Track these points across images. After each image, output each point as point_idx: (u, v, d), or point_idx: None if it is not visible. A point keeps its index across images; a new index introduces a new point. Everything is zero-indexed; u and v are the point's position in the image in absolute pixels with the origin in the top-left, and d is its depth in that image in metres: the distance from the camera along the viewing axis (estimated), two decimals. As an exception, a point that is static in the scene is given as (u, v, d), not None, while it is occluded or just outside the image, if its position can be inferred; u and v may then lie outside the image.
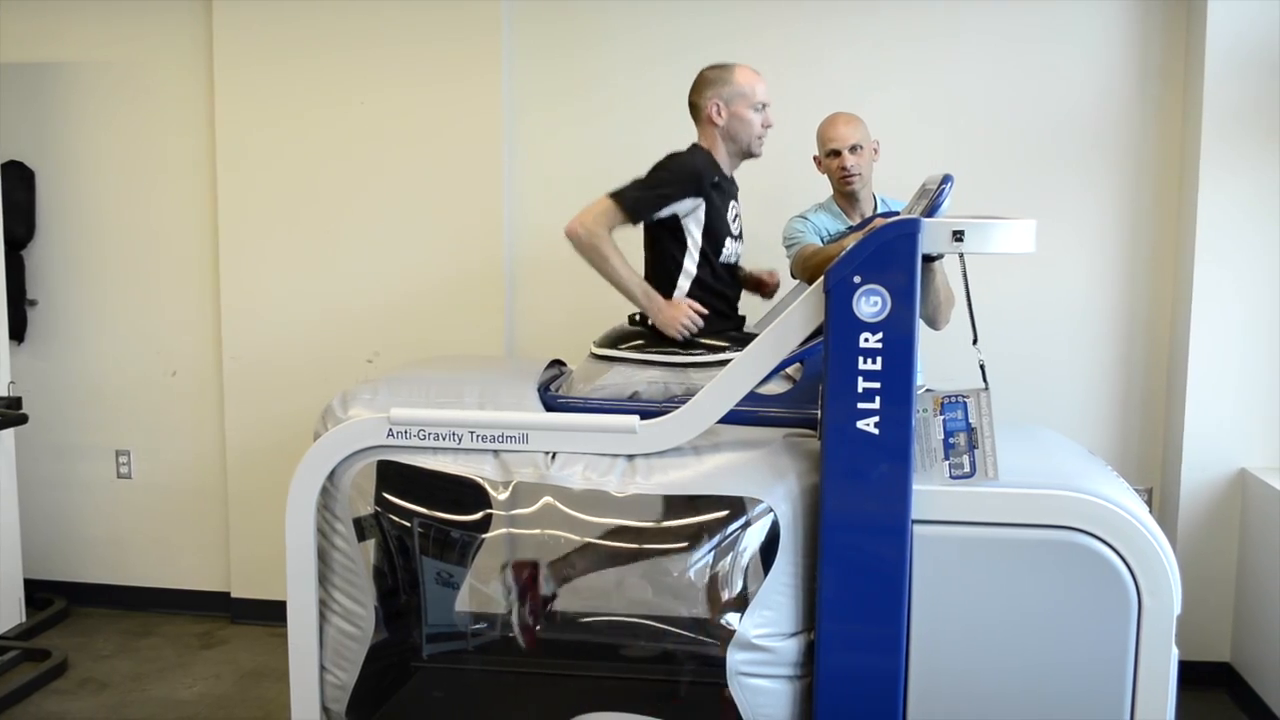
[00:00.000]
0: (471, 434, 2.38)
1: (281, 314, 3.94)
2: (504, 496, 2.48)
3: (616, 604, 2.71)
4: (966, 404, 2.24)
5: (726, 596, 2.43)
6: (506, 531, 2.62)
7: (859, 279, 2.15)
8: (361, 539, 2.52)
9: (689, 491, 2.36)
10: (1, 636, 3.78)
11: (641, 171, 2.66)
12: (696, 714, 2.62)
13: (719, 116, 2.68)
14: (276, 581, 2.52)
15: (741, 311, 2.85)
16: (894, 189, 3.11)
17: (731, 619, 2.33)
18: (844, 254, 2.20)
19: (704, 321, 2.64)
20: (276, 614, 2.63)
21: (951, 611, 2.22)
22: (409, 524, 2.65)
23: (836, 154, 3.02)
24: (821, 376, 2.22)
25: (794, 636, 2.29)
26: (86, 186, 4.10)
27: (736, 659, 2.26)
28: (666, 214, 2.63)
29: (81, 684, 3.54)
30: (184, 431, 4.11)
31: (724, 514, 2.41)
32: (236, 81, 3.89)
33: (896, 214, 2.56)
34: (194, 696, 3.47)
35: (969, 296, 2.39)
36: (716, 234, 2.69)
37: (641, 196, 2.60)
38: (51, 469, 4.19)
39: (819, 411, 2.27)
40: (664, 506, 2.50)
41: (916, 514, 2.20)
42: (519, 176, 3.81)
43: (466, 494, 2.51)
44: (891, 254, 2.15)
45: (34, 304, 4.15)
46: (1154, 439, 3.59)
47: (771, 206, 3.18)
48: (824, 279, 2.19)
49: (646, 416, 2.36)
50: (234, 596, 4.10)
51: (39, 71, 4.07)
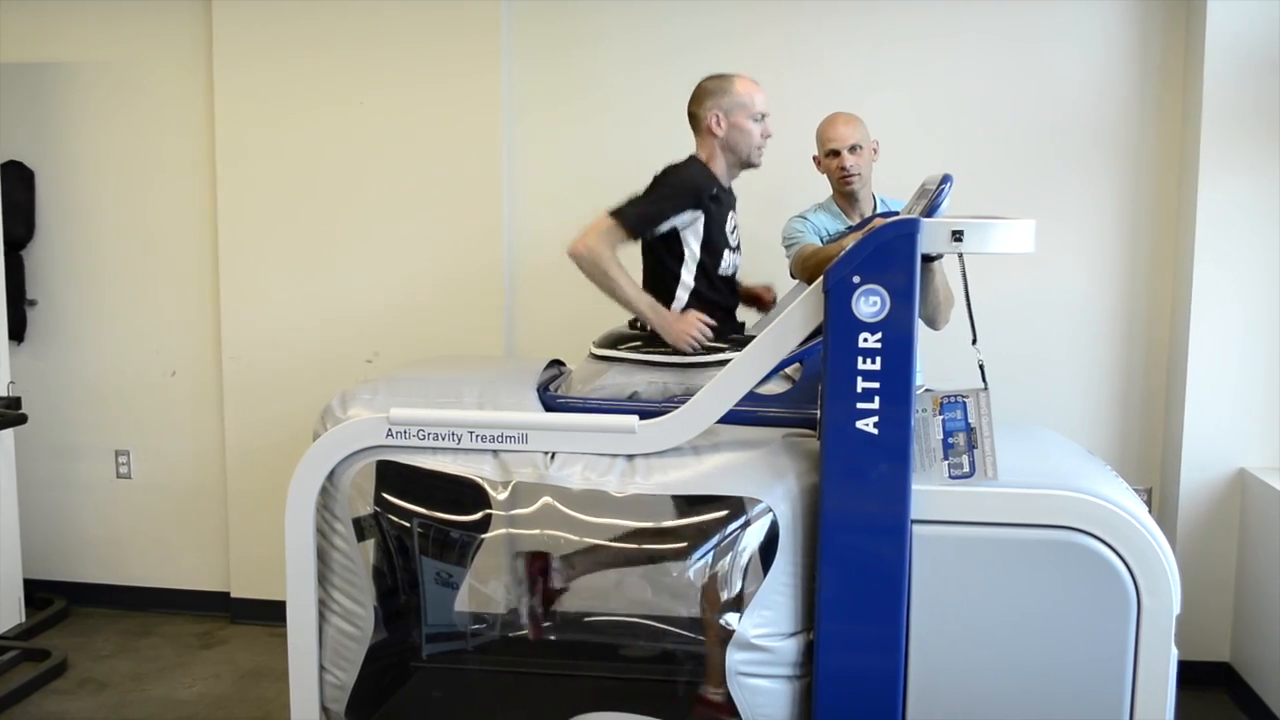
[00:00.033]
0: (471, 434, 2.38)
1: (281, 314, 3.94)
2: (503, 496, 2.48)
3: (616, 604, 2.71)
4: (966, 404, 2.24)
5: (726, 596, 2.43)
6: (506, 531, 2.62)
7: (858, 279, 2.15)
8: (361, 539, 2.53)
9: (688, 491, 2.37)
10: (1, 636, 3.78)
11: (640, 175, 2.66)
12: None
13: (718, 127, 2.67)
14: (276, 581, 2.52)
15: (740, 319, 2.84)
16: (893, 189, 3.11)
17: (731, 619, 2.33)
18: (843, 254, 2.20)
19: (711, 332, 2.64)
20: (276, 614, 2.63)
21: (951, 611, 2.22)
22: (408, 524, 2.65)
23: (836, 154, 3.02)
24: (821, 376, 2.22)
25: (793, 636, 2.29)
26: (86, 186, 4.10)
27: (735, 659, 2.26)
28: (666, 228, 2.62)
29: (81, 684, 3.54)
30: (183, 431, 4.11)
31: (723, 514, 2.41)
32: (236, 81, 3.89)
33: (896, 214, 2.56)
34: (193, 696, 3.47)
35: (968, 296, 2.39)
36: (715, 246, 2.68)
37: (642, 213, 2.59)
38: (51, 469, 4.19)
39: (818, 411, 2.27)
40: (662, 507, 2.50)
41: (916, 514, 2.20)
42: (518, 176, 3.81)
43: (466, 494, 2.51)
44: (891, 254, 2.15)
45: (33, 304, 4.15)
46: (1153, 439, 3.59)
47: (771, 206, 3.18)
48: (823, 279, 2.19)
49: (646, 416, 2.36)
50: (233, 596, 4.10)
51: (39, 71, 4.07)
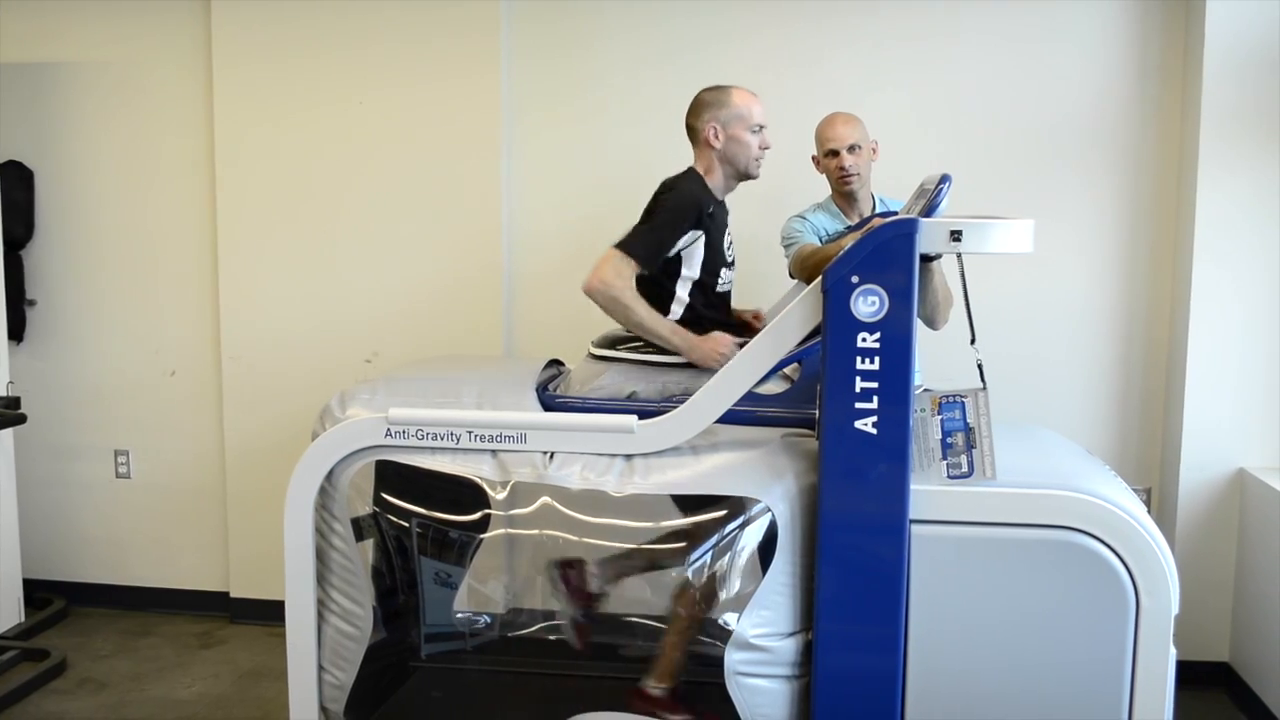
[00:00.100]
0: (469, 434, 2.38)
1: (280, 313, 3.94)
2: (502, 496, 2.48)
3: (615, 604, 2.71)
4: (964, 404, 2.24)
5: (724, 596, 2.43)
6: (505, 531, 2.62)
7: (857, 279, 2.15)
8: (360, 539, 2.53)
9: (687, 491, 2.37)
10: (0, 636, 3.78)
11: (639, 175, 2.66)
12: (696, 713, 2.61)
13: (716, 140, 2.67)
14: (275, 581, 2.52)
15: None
16: (892, 189, 3.11)
17: (729, 619, 2.33)
18: (842, 254, 2.20)
19: (703, 323, 2.62)
20: (275, 614, 2.63)
21: (949, 611, 2.22)
22: (407, 524, 2.65)
23: (835, 154, 3.02)
24: (819, 376, 2.22)
25: (792, 636, 2.29)
26: (85, 186, 4.10)
27: (734, 658, 2.26)
28: (673, 254, 2.61)
29: (80, 684, 3.54)
30: (183, 431, 4.11)
31: (722, 514, 2.41)
32: (235, 81, 3.89)
33: (895, 214, 2.56)
34: (193, 696, 3.46)
35: (967, 296, 2.39)
36: (713, 265, 2.67)
37: (651, 242, 2.57)
38: (50, 469, 4.19)
39: (817, 411, 2.27)
40: (659, 506, 2.50)
41: (914, 514, 2.20)
42: (517, 176, 3.81)
43: (465, 494, 2.51)
44: (889, 254, 2.15)
45: (33, 304, 4.15)
46: (1152, 439, 3.59)
47: (770, 206, 3.19)
48: (822, 279, 2.19)
49: (644, 416, 2.36)
50: (233, 596, 4.09)
51: (38, 71, 4.07)
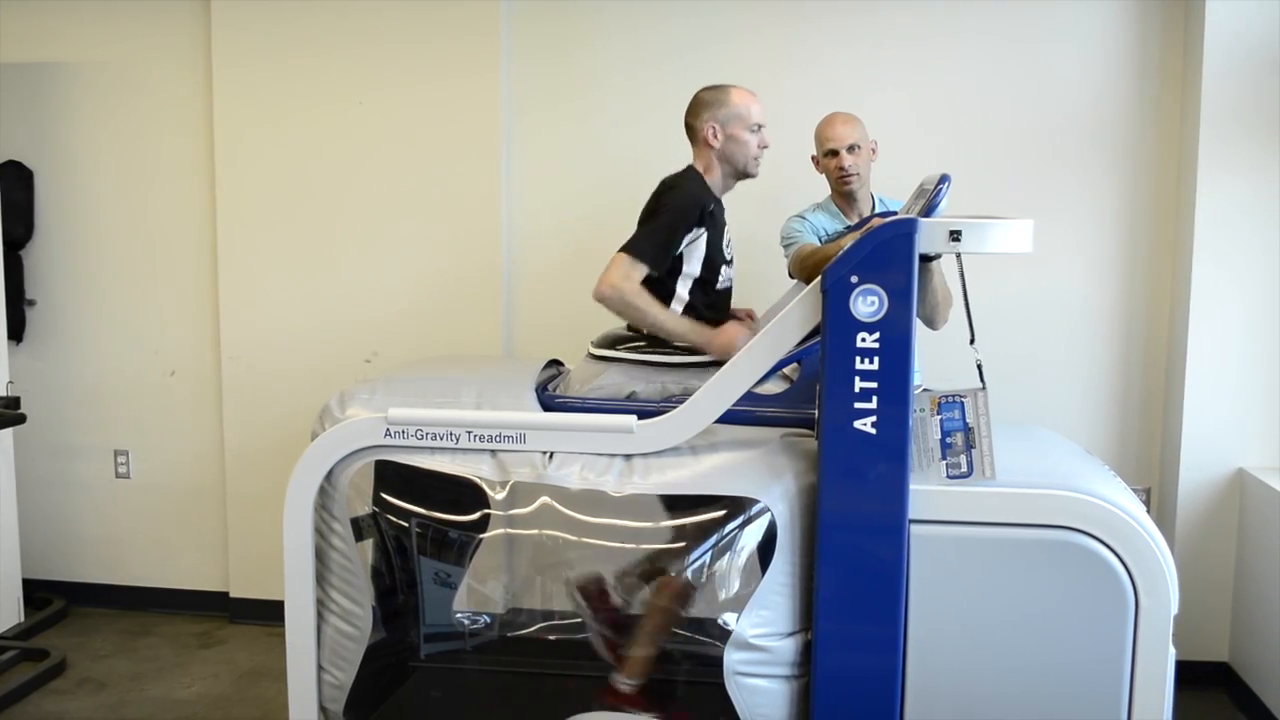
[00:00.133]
0: (469, 434, 2.38)
1: (280, 314, 3.94)
2: (501, 496, 2.49)
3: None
4: (964, 404, 2.24)
5: (723, 596, 2.43)
6: (504, 531, 2.63)
7: (856, 279, 2.15)
8: (359, 539, 2.53)
9: (686, 491, 2.37)
10: (0, 636, 3.78)
11: (639, 175, 2.66)
12: (696, 713, 2.62)
13: (715, 139, 2.67)
14: (275, 581, 2.51)
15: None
16: (892, 189, 3.11)
17: (729, 618, 2.33)
18: (841, 254, 2.20)
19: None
20: (275, 614, 2.63)
21: (949, 611, 2.22)
22: (406, 524, 2.65)
23: (834, 154, 3.02)
24: (819, 376, 2.22)
25: (791, 636, 2.29)
26: (85, 186, 4.10)
27: (733, 658, 2.26)
28: (677, 253, 2.61)
29: (80, 684, 3.54)
30: (182, 431, 4.11)
31: (721, 514, 2.41)
32: (234, 81, 3.89)
33: (894, 214, 2.56)
34: (192, 696, 3.46)
35: (966, 296, 2.39)
36: (713, 263, 2.67)
37: (658, 243, 2.57)
38: (50, 469, 4.19)
39: (816, 411, 2.27)
40: (657, 506, 2.50)
41: (914, 514, 2.20)
42: (517, 176, 3.81)
43: (464, 494, 2.51)
44: (889, 254, 2.15)
45: (32, 304, 4.15)
46: (1152, 439, 3.59)
47: (769, 206, 3.18)
48: (821, 279, 2.19)
49: (644, 416, 2.36)
50: (232, 596, 4.10)
51: (37, 71, 4.07)
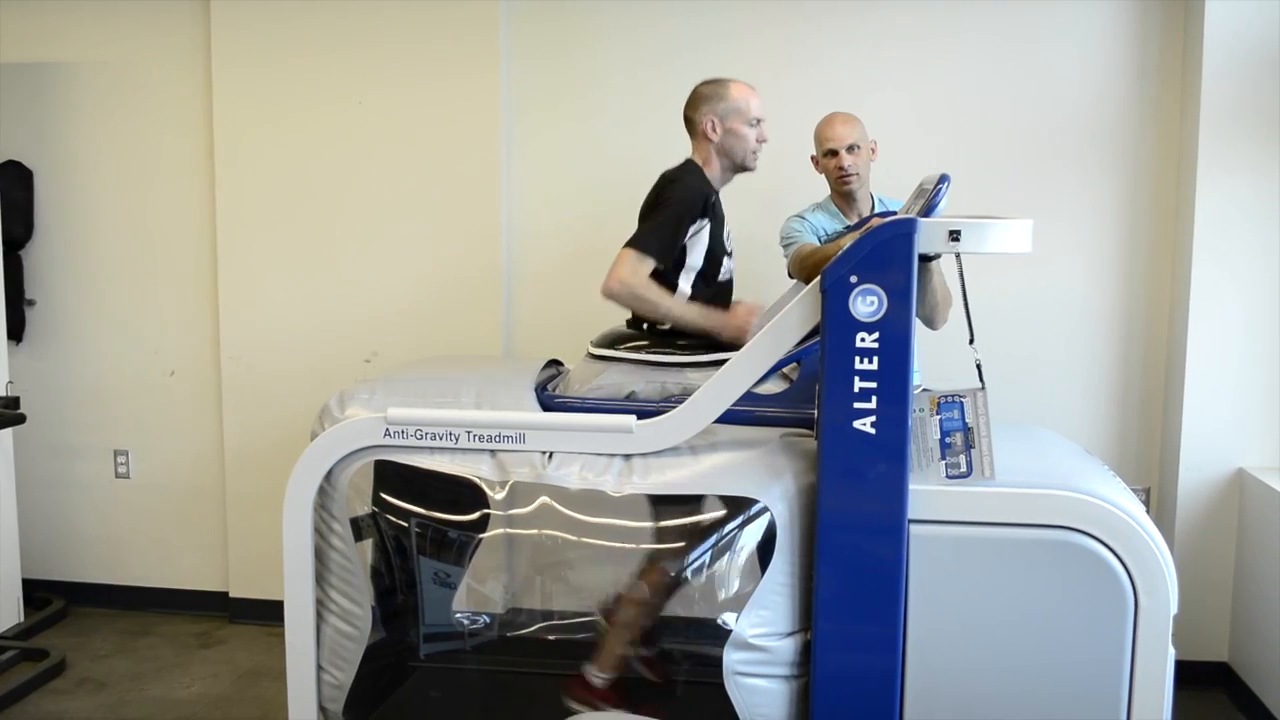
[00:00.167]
0: (468, 434, 2.38)
1: (279, 313, 3.94)
2: (501, 496, 2.49)
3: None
4: (963, 404, 2.24)
5: (723, 596, 2.43)
6: (503, 531, 2.63)
7: (855, 279, 2.15)
8: (358, 539, 2.53)
9: (686, 491, 2.37)
10: (0, 636, 3.78)
11: (638, 175, 2.65)
12: (696, 713, 2.62)
13: (714, 132, 2.67)
14: (274, 581, 2.51)
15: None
16: (891, 189, 3.11)
17: (728, 618, 2.33)
18: (841, 254, 2.20)
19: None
20: (274, 614, 2.63)
21: (948, 611, 2.22)
22: (406, 524, 2.65)
23: (834, 154, 3.02)
24: (818, 376, 2.21)
25: (790, 636, 2.29)
26: (85, 186, 4.10)
27: (733, 658, 2.26)
28: (682, 244, 2.61)
29: (79, 684, 3.54)
30: (182, 431, 4.11)
31: (720, 514, 2.41)
32: (234, 81, 3.89)
33: (894, 213, 2.56)
34: (192, 696, 3.46)
35: (965, 296, 2.39)
36: (716, 254, 2.68)
37: (664, 236, 2.57)
38: (50, 469, 4.19)
39: (816, 411, 2.27)
40: (655, 506, 2.51)
41: (913, 514, 2.20)
42: (517, 176, 3.81)
43: (463, 494, 2.51)
44: (888, 254, 2.15)
45: (32, 304, 4.15)
46: (1151, 439, 3.59)
47: (769, 206, 3.19)
48: (821, 278, 2.19)
49: (643, 416, 2.36)
50: (232, 596, 4.10)
51: (37, 71, 4.07)
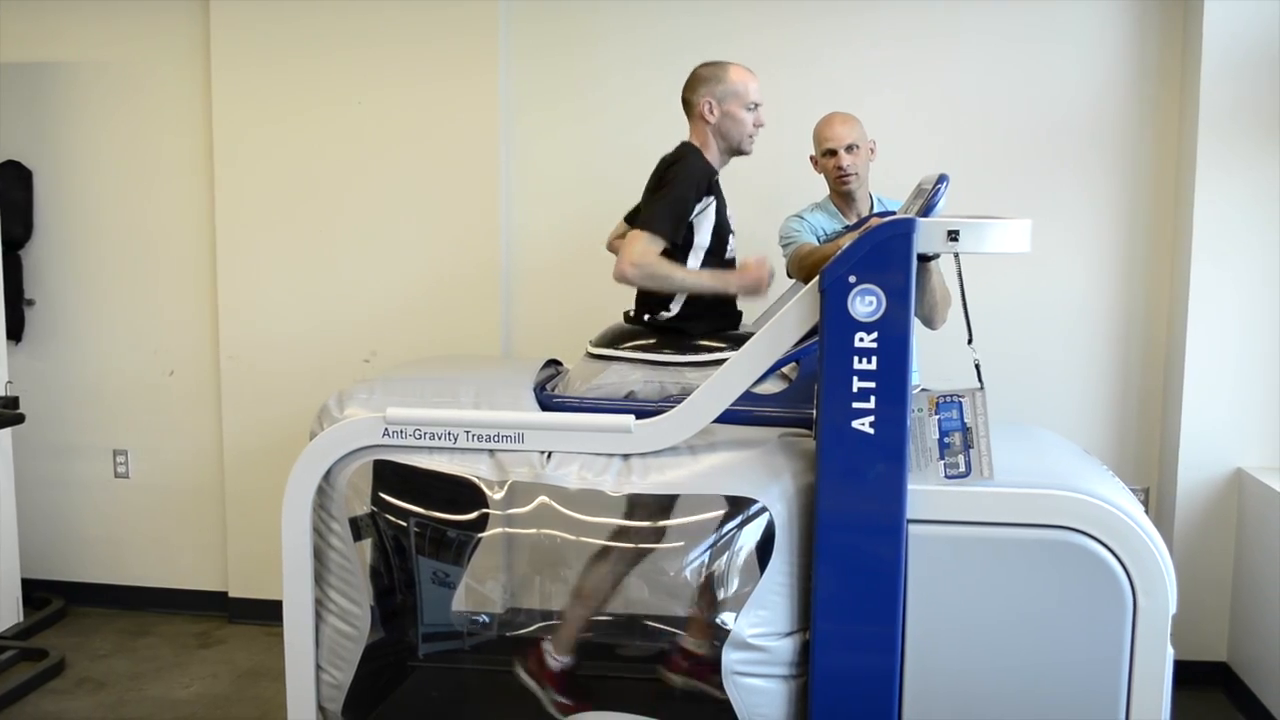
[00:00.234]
0: (467, 433, 2.38)
1: (278, 314, 3.94)
2: (500, 496, 2.49)
3: (613, 604, 2.71)
4: (962, 403, 2.24)
5: (722, 596, 2.43)
6: (502, 531, 2.63)
7: (854, 278, 2.15)
8: (357, 538, 2.53)
9: (685, 491, 2.37)
10: (-1, 636, 3.79)
11: (637, 175, 2.65)
12: (696, 713, 2.62)
13: (711, 114, 2.68)
14: (274, 581, 2.51)
15: (739, 307, 2.84)
16: (890, 188, 3.11)
17: (727, 618, 2.33)
18: (839, 253, 2.20)
19: (706, 314, 2.63)
20: (274, 614, 2.62)
21: (947, 611, 2.22)
22: (405, 523, 2.65)
23: (832, 153, 3.02)
24: (817, 376, 2.22)
25: (789, 636, 2.29)
26: (84, 186, 4.10)
27: (732, 658, 2.26)
28: (689, 222, 2.61)
29: (79, 683, 3.54)
30: (181, 431, 4.11)
31: (719, 513, 2.41)
32: (233, 81, 3.89)
33: (893, 213, 2.56)
34: (191, 696, 3.47)
35: (964, 296, 2.39)
36: (722, 232, 2.69)
37: (674, 215, 2.57)
38: (49, 468, 4.19)
39: (814, 411, 2.27)
40: (655, 506, 2.50)
41: (912, 513, 2.20)
42: (516, 176, 3.81)
43: (462, 493, 2.51)
44: (887, 253, 2.15)
45: (31, 304, 4.15)
46: (1150, 439, 3.59)
47: (768, 206, 3.19)
48: (819, 278, 2.19)
49: (642, 416, 2.36)
50: (231, 596, 4.10)
51: (37, 71, 4.07)
